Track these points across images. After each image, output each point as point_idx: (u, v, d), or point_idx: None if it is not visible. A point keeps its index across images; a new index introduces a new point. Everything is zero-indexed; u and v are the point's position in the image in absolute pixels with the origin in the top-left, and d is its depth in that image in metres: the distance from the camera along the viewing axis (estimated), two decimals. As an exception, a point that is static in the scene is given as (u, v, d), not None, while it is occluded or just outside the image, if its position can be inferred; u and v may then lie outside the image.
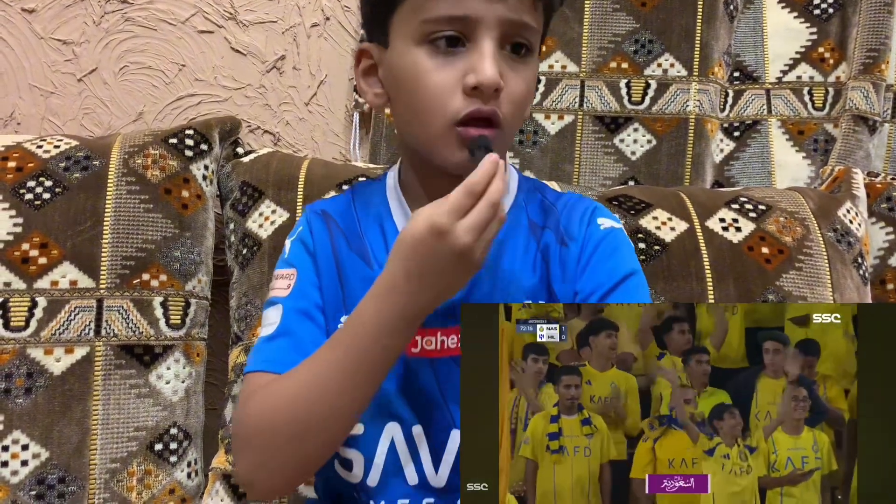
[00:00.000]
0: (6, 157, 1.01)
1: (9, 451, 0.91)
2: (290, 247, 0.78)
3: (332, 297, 0.75)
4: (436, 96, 0.66)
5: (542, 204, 0.78)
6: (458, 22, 0.65)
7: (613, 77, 1.26)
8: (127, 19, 1.27)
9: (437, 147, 0.68)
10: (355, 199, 0.80)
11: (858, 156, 1.25)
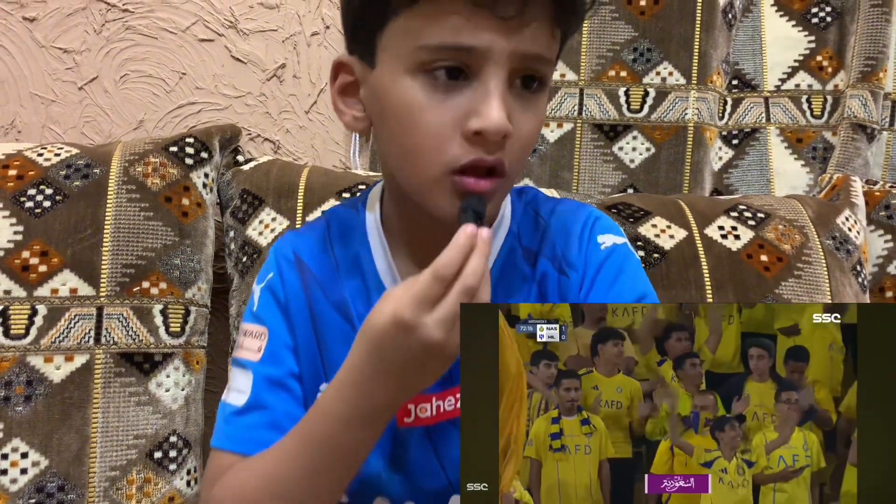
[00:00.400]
0: (7, 165, 1.01)
1: (8, 459, 0.91)
2: (260, 297, 0.70)
3: (310, 363, 0.68)
4: (431, 138, 0.57)
5: (535, 223, 0.70)
6: (463, 53, 0.56)
7: (612, 85, 1.26)
8: (128, 28, 1.27)
9: (428, 194, 0.59)
10: (331, 234, 0.72)
11: (857, 164, 1.26)
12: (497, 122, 0.55)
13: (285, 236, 0.75)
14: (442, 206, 0.59)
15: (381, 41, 0.59)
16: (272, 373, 0.66)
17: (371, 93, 0.62)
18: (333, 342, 0.67)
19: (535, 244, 0.69)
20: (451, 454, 0.66)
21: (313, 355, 0.68)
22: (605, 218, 0.71)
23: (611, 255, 0.67)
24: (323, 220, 0.74)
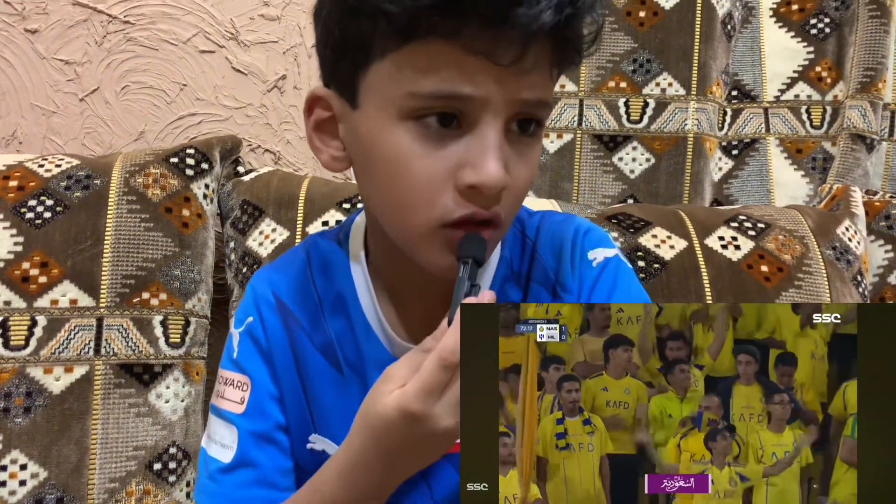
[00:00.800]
0: (8, 176, 1.01)
1: (7, 471, 0.91)
2: (240, 343, 0.66)
3: (298, 412, 0.65)
4: (421, 190, 0.53)
5: (522, 244, 0.67)
6: (458, 101, 0.51)
7: (612, 96, 1.27)
8: (129, 39, 1.28)
9: (418, 247, 0.56)
10: (312, 269, 0.67)
11: (857, 174, 1.26)
12: (494, 176, 0.51)
13: (262, 273, 0.69)
14: (433, 260, 0.56)
15: (365, 81, 0.54)
16: (258, 427, 0.64)
17: (352, 134, 0.57)
18: (320, 388, 0.65)
19: (524, 267, 0.66)
20: (443, 490, 0.64)
21: (300, 404, 0.65)
22: (593, 229, 0.69)
23: (603, 270, 0.65)
24: (302, 251, 0.69)
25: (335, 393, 0.62)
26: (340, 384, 0.63)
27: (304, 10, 1.29)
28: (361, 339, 0.64)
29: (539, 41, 0.50)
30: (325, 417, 0.62)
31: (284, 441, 0.65)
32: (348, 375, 0.64)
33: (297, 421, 0.65)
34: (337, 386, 0.64)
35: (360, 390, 0.64)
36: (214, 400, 0.67)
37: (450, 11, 0.48)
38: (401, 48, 0.51)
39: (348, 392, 0.65)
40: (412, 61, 0.51)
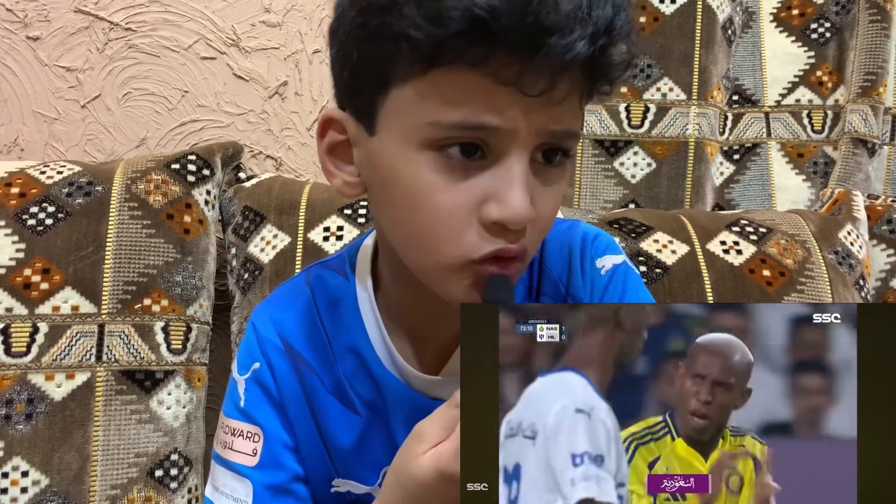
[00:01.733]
0: (9, 182, 1.01)
1: (8, 478, 0.91)
2: (246, 391, 0.63)
3: (318, 459, 0.64)
4: (444, 224, 0.50)
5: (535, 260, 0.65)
6: (484, 132, 0.48)
7: (613, 101, 1.27)
8: (130, 46, 1.28)
9: (441, 280, 0.53)
10: (318, 306, 0.65)
11: (858, 178, 1.26)
12: (520, 212, 0.48)
13: (263, 312, 0.66)
14: (457, 296, 0.52)
15: (384, 107, 0.51)
16: (273, 480, 0.62)
17: (369, 160, 0.54)
18: (338, 432, 0.63)
19: (534, 282, 0.64)
20: None
21: (319, 450, 0.63)
22: (600, 235, 0.67)
23: (612, 278, 0.64)
24: (306, 287, 0.66)
25: (354, 435, 0.60)
26: (358, 425, 0.62)
27: (305, 16, 1.29)
28: (377, 377, 0.62)
29: (570, 71, 0.48)
30: (347, 461, 0.61)
31: (301, 491, 0.63)
32: (366, 415, 0.62)
33: (318, 467, 0.64)
34: (355, 428, 0.62)
35: (381, 430, 0.63)
36: (221, 451, 0.64)
37: (478, 39, 0.45)
38: (424, 74, 0.48)
39: (368, 433, 0.63)
40: (436, 89, 0.48)
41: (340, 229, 1.06)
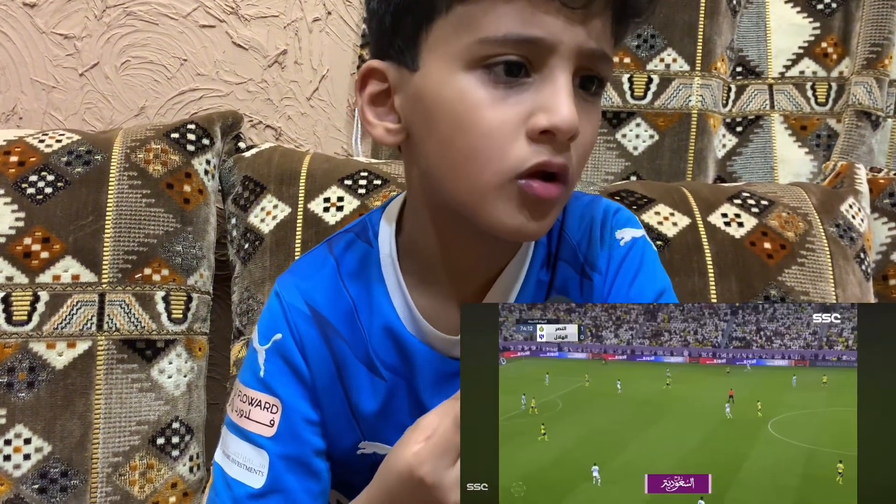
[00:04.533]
0: (8, 151, 1.01)
1: (11, 445, 0.91)
2: (266, 362, 0.63)
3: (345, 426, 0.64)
4: (492, 139, 0.51)
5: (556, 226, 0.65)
6: (529, 45, 0.50)
7: (616, 72, 1.25)
8: (128, 14, 1.26)
9: (487, 204, 0.53)
10: (343, 275, 0.65)
11: (861, 151, 1.25)
12: (568, 118, 0.50)
13: (287, 282, 0.66)
14: (501, 217, 0.53)
15: (427, 41, 0.53)
16: (291, 451, 0.62)
17: (412, 98, 0.55)
18: (363, 396, 0.64)
19: (552, 247, 0.65)
20: None
21: (346, 415, 0.64)
22: (622, 210, 0.68)
23: (630, 250, 0.65)
24: (329, 256, 0.66)
25: (380, 399, 0.61)
26: (384, 390, 0.62)
27: (305, -16, 1.28)
28: (402, 340, 0.63)
29: None
30: (373, 425, 0.61)
31: (319, 465, 0.64)
32: (391, 380, 0.62)
33: (345, 431, 0.64)
34: (381, 392, 0.63)
35: (407, 393, 0.64)
36: (237, 419, 0.64)
37: None
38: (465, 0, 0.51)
39: (394, 396, 0.64)
40: (481, 9, 0.50)
41: (341, 200, 1.05)
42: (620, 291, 0.63)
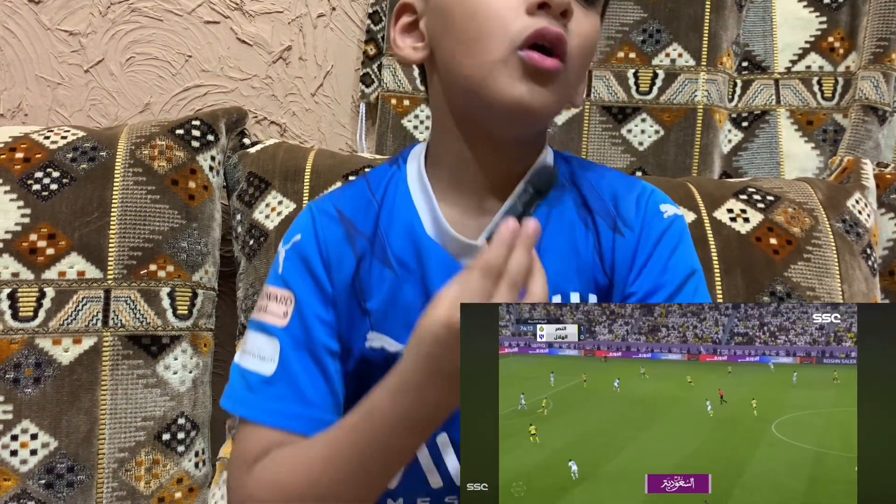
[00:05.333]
0: (14, 147, 1.01)
1: (18, 441, 0.92)
2: (285, 260, 0.69)
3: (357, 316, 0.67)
4: (495, 17, 0.59)
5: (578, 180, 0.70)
6: None
7: (621, 67, 1.25)
8: (133, 10, 1.27)
9: (493, 77, 0.60)
10: (372, 186, 0.71)
11: (868, 146, 1.24)
12: None
13: (321, 197, 0.74)
14: (507, 89, 0.60)
15: None
16: (300, 342, 0.66)
17: (433, 11, 0.65)
18: (374, 288, 0.67)
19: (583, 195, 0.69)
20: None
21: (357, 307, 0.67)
22: (661, 192, 0.72)
23: (672, 224, 0.68)
24: (361, 179, 0.74)
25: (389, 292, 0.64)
26: (394, 284, 0.66)
27: (309, -21, 1.28)
28: (419, 241, 0.67)
29: None
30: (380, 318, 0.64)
31: (327, 363, 0.66)
32: (402, 275, 0.66)
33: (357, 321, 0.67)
34: (391, 286, 0.66)
35: (418, 291, 0.67)
36: (256, 315, 0.68)
37: None
38: None
39: (402, 291, 0.67)
40: None
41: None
42: (660, 261, 0.66)
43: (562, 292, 0.65)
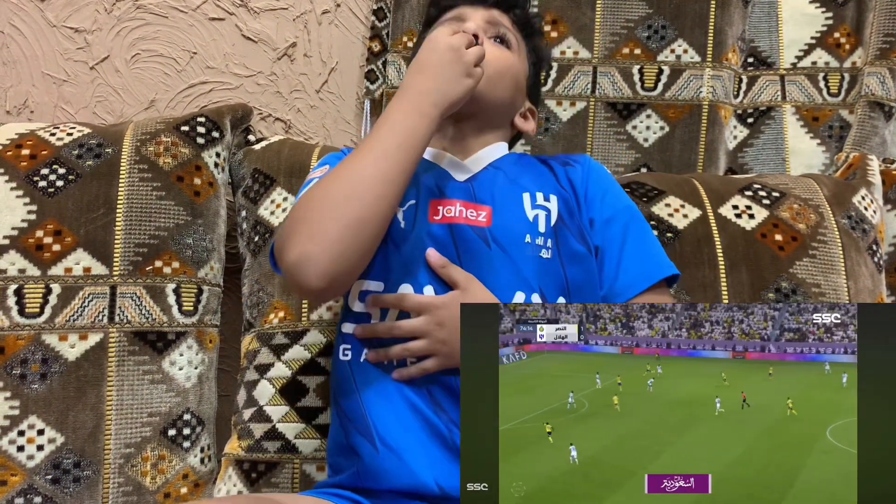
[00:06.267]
0: (20, 144, 1.01)
1: (25, 436, 0.92)
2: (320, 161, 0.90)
3: None
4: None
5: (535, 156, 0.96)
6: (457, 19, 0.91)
7: (626, 63, 1.25)
8: (138, 7, 1.27)
9: None
10: None
11: (874, 142, 1.24)
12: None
13: None
14: None
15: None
16: None
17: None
18: None
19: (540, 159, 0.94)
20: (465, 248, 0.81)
21: None
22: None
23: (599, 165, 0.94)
24: None
25: None
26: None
27: (314, -24, 1.28)
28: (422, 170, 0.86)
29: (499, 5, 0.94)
30: None
31: None
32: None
33: None
34: None
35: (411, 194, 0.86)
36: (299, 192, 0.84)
37: None
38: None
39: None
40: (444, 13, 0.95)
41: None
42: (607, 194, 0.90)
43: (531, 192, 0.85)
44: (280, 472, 0.97)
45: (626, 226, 0.86)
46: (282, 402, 0.98)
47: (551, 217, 0.83)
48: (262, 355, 1.01)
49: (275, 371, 0.99)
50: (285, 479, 0.97)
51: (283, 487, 0.97)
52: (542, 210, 0.83)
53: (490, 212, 0.82)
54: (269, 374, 0.99)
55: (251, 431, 0.98)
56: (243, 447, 0.98)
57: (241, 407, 1.01)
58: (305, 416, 0.97)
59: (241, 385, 1.03)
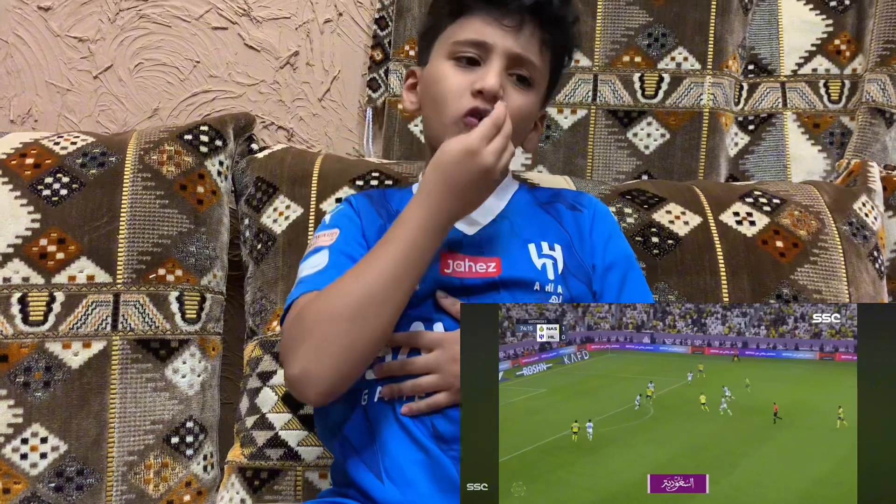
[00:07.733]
0: (24, 153, 1.02)
1: (28, 444, 0.93)
2: (331, 216, 0.90)
3: None
4: (451, 93, 0.84)
5: (541, 192, 0.96)
6: (478, 46, 0.85)
7: (627, 71, 1.25)
8: (141, 16, 1.28)
9: (447, 132, 0.82)
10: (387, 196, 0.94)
11: (875, 149, 1.24)
12: (491, 83, 0.82)
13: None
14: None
15: (434, 47, 0.89)
16: (345, 250, 0.84)
17: (423, 81, 0.90)
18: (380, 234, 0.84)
19: (546, 199, 0.94)
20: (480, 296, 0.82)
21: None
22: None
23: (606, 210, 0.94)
24: (383, 189, 1.00)
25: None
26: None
27: (316, -15, 1.29)
28: None
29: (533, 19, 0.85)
30: None
31: None
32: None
33: None
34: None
35: None
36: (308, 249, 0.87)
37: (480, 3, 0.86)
38: (454, 21, 0.88)
39: None
40: (460, 28, 0.87)
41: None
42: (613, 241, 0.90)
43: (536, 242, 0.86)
44: (283, 480, 0.97)
45: (624, 275, 0.88)
46: (284, 410, 0.98)
47: (558, 265, 0.85)
48: (264, 363, 1.01)
49: (277, 378, 1.00)
50: (288, 486, 0.97)
51: (286, 495, 0.97)
52: (548, 259, 0.85)
53: (499, 262, 0.83)
54: (271, 382, 1.00)
55: (254, 439, 0.98)
56: (246, 455, 0.98)
57: (244, 414, 1.01)
58: (308, 424, 0.97)
59: (243, 392, 1.03)
